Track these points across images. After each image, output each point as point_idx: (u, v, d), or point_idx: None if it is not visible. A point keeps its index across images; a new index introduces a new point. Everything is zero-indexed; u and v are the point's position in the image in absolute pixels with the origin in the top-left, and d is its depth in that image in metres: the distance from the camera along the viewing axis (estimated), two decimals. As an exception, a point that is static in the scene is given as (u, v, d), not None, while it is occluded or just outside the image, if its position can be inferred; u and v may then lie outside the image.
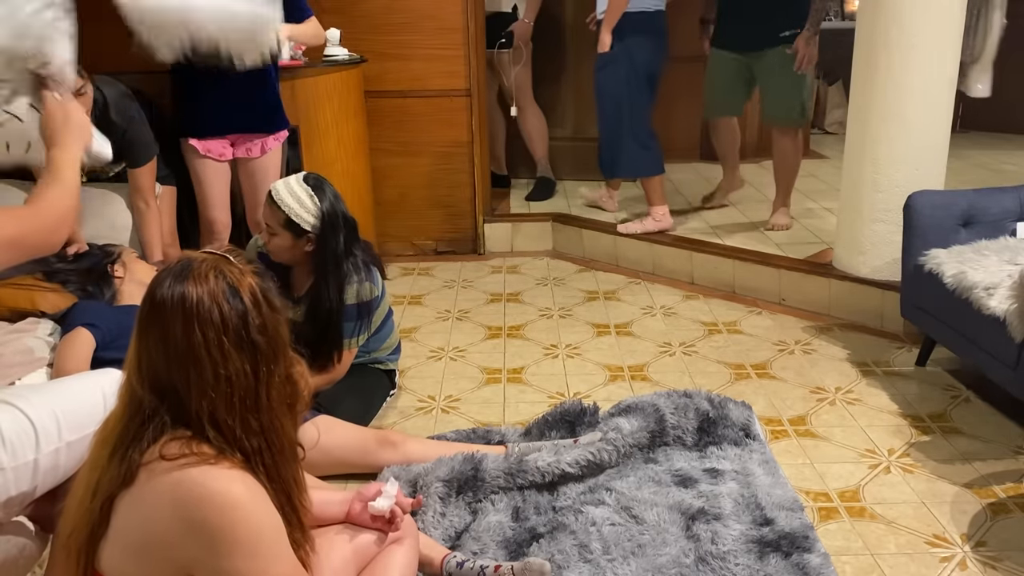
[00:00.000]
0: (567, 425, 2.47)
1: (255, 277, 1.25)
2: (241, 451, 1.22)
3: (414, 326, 3.45)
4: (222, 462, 1.19)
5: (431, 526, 2.03)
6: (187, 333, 1.17)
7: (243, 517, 1.17)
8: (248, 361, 1.21)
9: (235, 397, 1.20)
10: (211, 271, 1.21)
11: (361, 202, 3.85)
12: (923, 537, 2.06)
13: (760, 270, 3.62)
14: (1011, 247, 2.68)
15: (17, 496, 1.48)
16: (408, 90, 4.13)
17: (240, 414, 1.21)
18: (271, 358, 1.23)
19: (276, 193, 2.41)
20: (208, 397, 1.19)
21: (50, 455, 1.51)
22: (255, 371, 1.21)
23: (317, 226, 2.40)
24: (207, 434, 1.19)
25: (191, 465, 1.16)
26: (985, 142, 6.04)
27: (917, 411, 2.68)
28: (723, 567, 1.88)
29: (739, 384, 2.89)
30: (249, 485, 1.20)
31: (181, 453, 1.17)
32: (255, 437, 1.22)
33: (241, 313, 1.20)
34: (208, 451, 1.19)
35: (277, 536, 1.23)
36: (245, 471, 1.21)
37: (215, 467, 1.18)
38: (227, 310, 1.19)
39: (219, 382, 1.19)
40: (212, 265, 1.22)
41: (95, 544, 1.22)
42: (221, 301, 1.19)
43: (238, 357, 1.20)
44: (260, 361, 1.22)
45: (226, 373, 1.19)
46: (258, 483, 1.22)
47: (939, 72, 3.05)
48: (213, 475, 1.17)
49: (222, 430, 1.20)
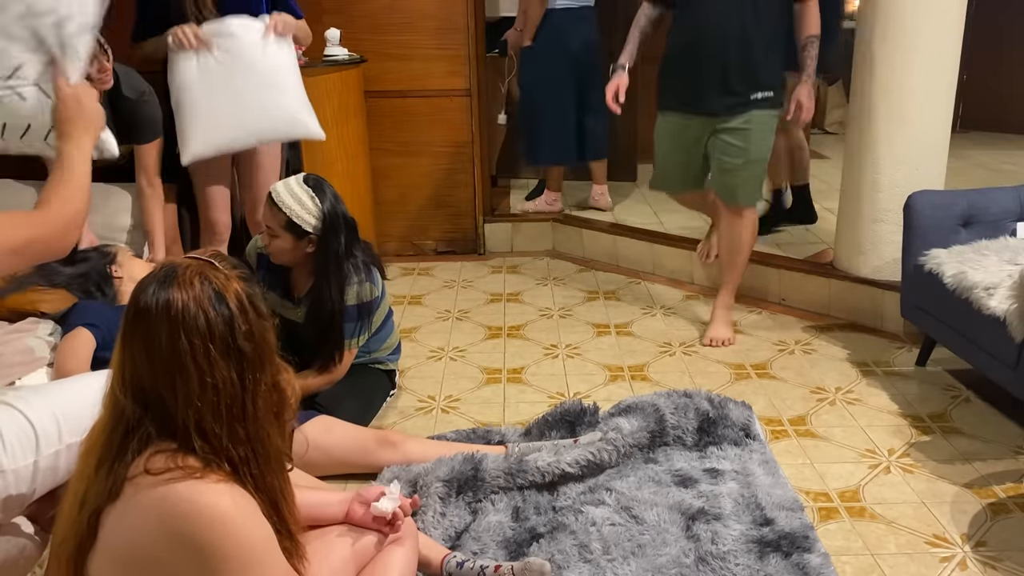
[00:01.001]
0: (567, 425, 2.47)
1: (241, 282, 1.22)
2: (228, 461, 1.19)
3: (414, 326, 3.45)
4: (208, 476, 1.16)
5: (431, 526, 2.03)
6: (172, 341, 1.15)
7: (232, 531, 1.15)
8: (235, 368, 1.18)
9: (222, 405, 1.18)
10: (196, 277, 1.18)
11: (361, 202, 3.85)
12: (923, 537, 2.06)
13: (760, 270, 3.62)
14: (1011, 247, 2.68)
15: (16, 497, 1.48)
16: (408, 90, 4.13)
17: (227, 423, 1.19)
18: (258, 365, 1.21)
19: (277, 195, 2.40)
20: (194, 406, 1.16)
21: (50, 457, 1.50)
22: (241, 379, 1.19)
23: (318, 227, 2.40)
24: (193, 444, 1.17)
25: (177, 480, 1.14)
26: (985, 142, 6.04)
27: (917, 411, 2.68)
28: (723, 567, 1.88)
29: (739, 384, 2.89)
30: (236, 498, 1.18)
31: (166, 467, 1.15)
32: (242, 446, 1.20)
33: (227, 320, 1.17)
34: (194, 464, 1.17)
35: (268, 547, 1.21)
36: (232, 483, 1.19)
37: (201, 481, 1.15)
38: (213, 317, 1.16)
39: (205, 390, 1.16)
40: (197, 271, 1.19)
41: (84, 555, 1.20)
42: (207, 307, 1.16)
43: (224, 364, 1.17)
44: (247, 368, 1.20)
45: (212, 381, 1.16)
46: (246, 494, 1.20)
47: (939, 72, 3.05)
48: (199, 489, 1.15)
49: (209, 439, 1.18)
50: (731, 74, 2.96)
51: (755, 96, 2.97)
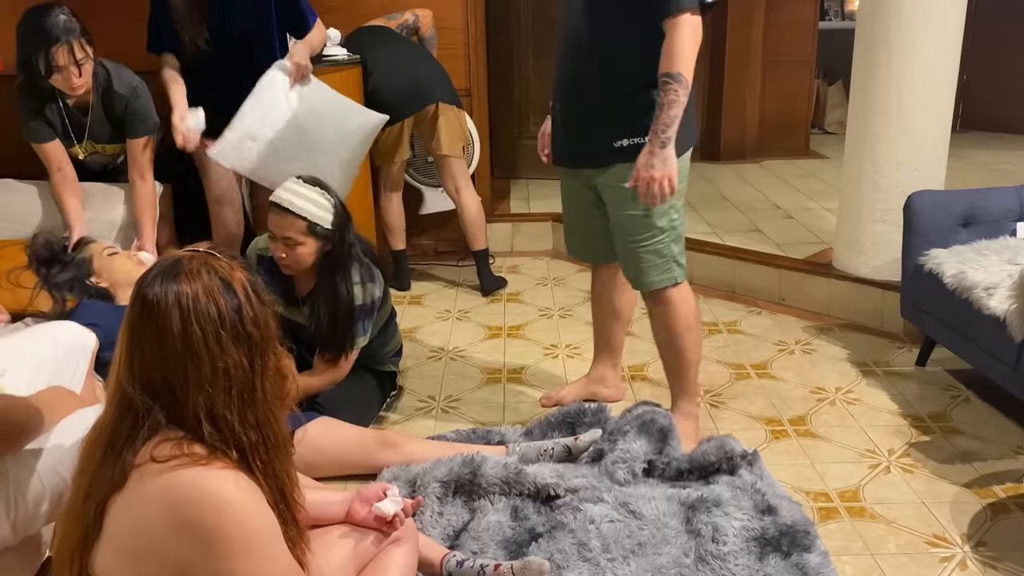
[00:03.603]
0: (568, 427, 2.46)
1: (244, 271, 1.26)
2: (238, 447, 1.22)
3: (414, 326, 3.45)
4: (213, 463, 1.18)
5: (429, 525, 2.03)
6: (185, 329, 1.18)
7: (237, 518, 1.17)
8: (244, 354, 1.22)
9: (233, 390, 1.21)
10: (202, 267, 1.22)
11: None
12: (923, 537, 2.06)
13: (760, 270, 3.62)
14: (1011, 247, 2.69)
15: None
16: (408, 90, 4.12)
17: (238, 408, 1.22)
18: (264, 350, 1.25)
19: (289, 203, 2.31)
20: (206, 392, 1.19)
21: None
22: (251, 363, 1.22)
23: (335, 221, 2.37)
24: (202, 431, 1.19)
25: (183, 467, 1.16)
26: (985, 142, 6.04)
27: (917, 411, 2.68)
28: (723, 567, 1.88)
29: (739, 384, 2.88)
30: (242, 485, 1.20)
31: (172, 455, 1.17)
32: (252, 431, 1.23)
33: (236, 307, 1.21)
34: (200, 451, 1.19)
35: (272, 535, 1.23)
36: (238, 470, 1.21)
37: (207, 468, 1.17)
38: (223, 304, 1.20)
39: (217, 376, 1.19)
40: (202, 261, 1.23)
41: (89, 549, 1.21)
42: (217, 296, 1.20)
43: (235, 350, 1.21)
44: (255, 353, 1.23)
45: (224, 366, 1.20)
46: (252, 482, 1.22)
47: (939, 72, 3.05)
48: (205, 476, 1.17)
49: (219, 425, 1.20)
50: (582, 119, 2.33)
51: (620, 143, 2.24)
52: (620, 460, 2.23)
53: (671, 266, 2.33)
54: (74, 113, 2.75)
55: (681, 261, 2.36)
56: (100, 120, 2.78)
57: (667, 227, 2.29)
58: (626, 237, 2.34)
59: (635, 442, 2.27)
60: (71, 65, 2.55)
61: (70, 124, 2.77)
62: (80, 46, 2.55)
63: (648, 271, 2.34)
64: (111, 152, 2.91)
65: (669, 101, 2.08)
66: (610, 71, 2.23)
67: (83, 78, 2.61)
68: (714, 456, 2.23)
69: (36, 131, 2.72)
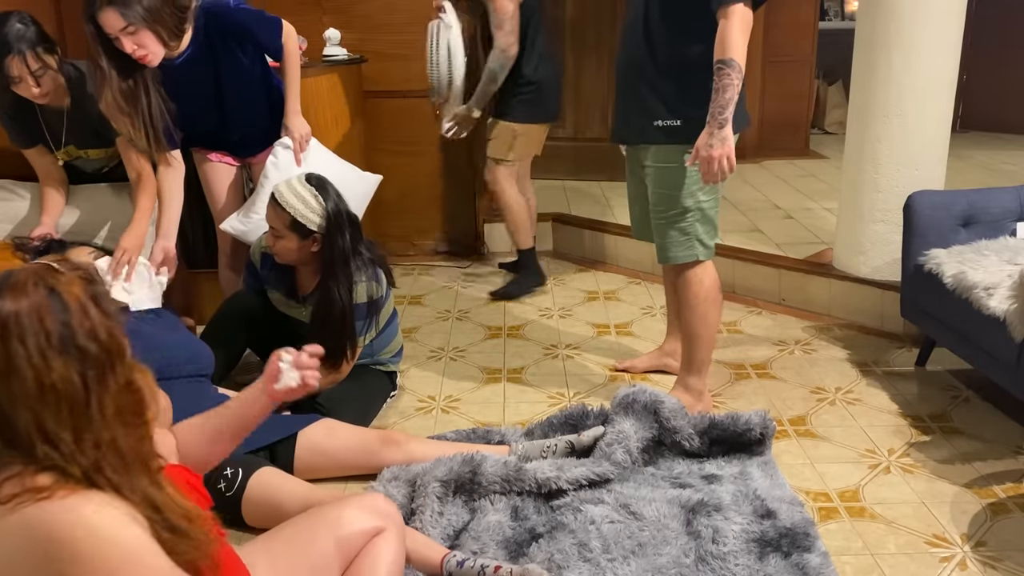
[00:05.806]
0: (570, 428, 2.46)
1: (83, 283, 1.21)
2: (81, 466, 1.16)
3: (414, 326, 3.45)
4: (56, 493, 1.13)
5: (429, 525, 2.03)
6: (5, 346, 1.13)
7: (93, 542, 1.12)
8: (75, 368, 1.16)
9: (63, 406, 1.15)
10: (30, 280, 1.17)
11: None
12: (923, 537, 2.06)
13: (760, 270, 3.62)
14: (1011, 247, 2.69)
15: None
16: (408, 90, 4.11)
17: (72, 425, 1.16)
18: (104, 364, 1.19)
19: (280, 195, 2.40)
20: (32, 409, 1.14)
21: None
22: (83, 378, 1.16)
23: (323, 226, 2.39)
24: (37, 452, 1.14)
25: (27, 503, 1.11)
26: (985, 142, 6.05)
27: (917, 411, 2.68)
28: (723, 567, 1.88)
29: (739, 384, 2.89)
30: (95, 507, 1.14)
31: (13, 493, 1.12)
32: (92, 451, 1.17)
33: (65, 320, 1.16)
34: (43, 482, 1.14)
35: (140, 551, 1.17)
36: (87, 492, 1.15)
37: (50, 501, 1.12)
38: (48, 319, 1.15)
39: (43, 392, 1.14)
40: (32, 274, 1.18)
41: None
42: (42, 311, 1.15)
43: (63, 364, 1.15)
44: (89, 368, 1.17)
45: (50, 382, 1.14)
46: (106, 501, 1.16)
47: (939, 72, 3.05)
48: (50, 510, 1.11)
49: (54, 444, 1.15)
50: (630, 98, 2.51)
51: (659, 123, 2.41)
52: (615, 442, 2.27)
53: (693, 243, 2.49)
54: (51, 119, 2.67)
55: (706, 241, 2.50)
56: (77, 125, 2.69)
57: (693, 207, 2.45)
58: (655, 212, 2.52)
59: (624, 422, 2.33)
60: (27, 76, 2.45)
61: (47, 130, 2.69)
62: (35, 56, 2.44)
63: (670, 246, 2.51)
64: (95, 157, 2.82)
65: (724, 85, 2.22)
66: (655, 55, 2.40)
67: (42, 88, 2.50)
68: (729, 426, 2.33)
69: (16, 137, 2.70)
